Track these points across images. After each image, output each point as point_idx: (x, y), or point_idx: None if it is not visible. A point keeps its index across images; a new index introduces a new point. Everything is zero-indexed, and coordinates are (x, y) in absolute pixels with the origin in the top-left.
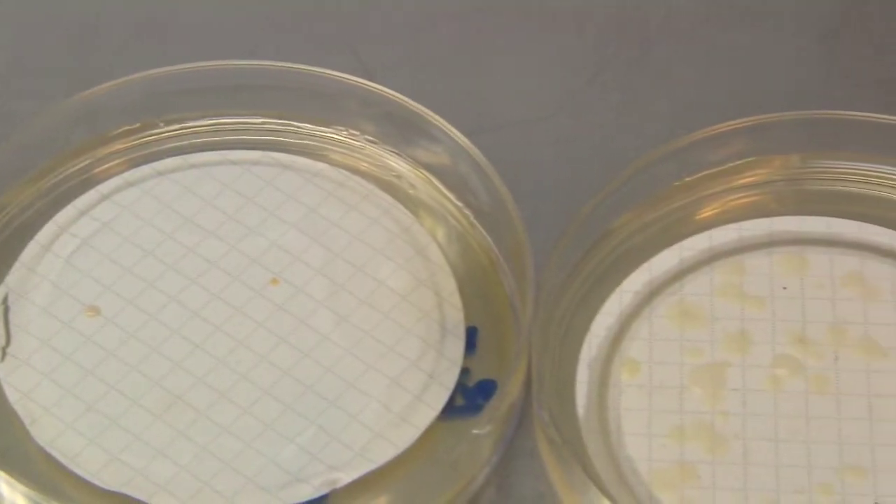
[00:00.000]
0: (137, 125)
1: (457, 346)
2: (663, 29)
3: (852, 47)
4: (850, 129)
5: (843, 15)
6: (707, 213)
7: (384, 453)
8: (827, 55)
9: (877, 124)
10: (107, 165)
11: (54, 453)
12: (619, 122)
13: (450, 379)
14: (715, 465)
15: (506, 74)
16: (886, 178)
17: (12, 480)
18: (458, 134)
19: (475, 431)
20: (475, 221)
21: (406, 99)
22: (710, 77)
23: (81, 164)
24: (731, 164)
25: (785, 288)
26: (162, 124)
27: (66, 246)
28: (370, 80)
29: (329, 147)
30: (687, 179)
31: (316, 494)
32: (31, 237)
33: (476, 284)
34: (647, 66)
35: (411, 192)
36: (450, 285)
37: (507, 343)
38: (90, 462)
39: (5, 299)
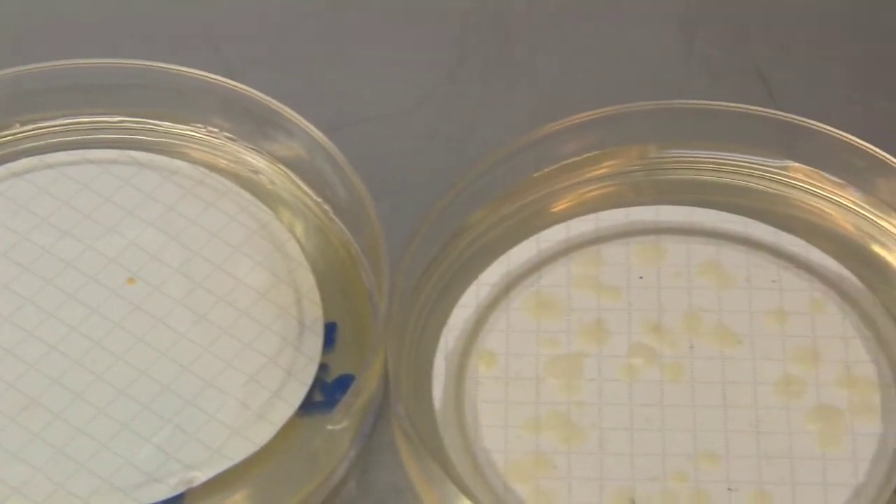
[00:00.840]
0: None
1: (315, 342)
2: (524, 21)
3: (712, 37)
4: (706, 119)
5: (702, 4)
6: (564, 204)
7: (241, 450)
8: (687, 45)
9: (732, 113)
10: None
11: None
12: (480, 115)
13: (307, 375)
14: (570, 456)
15: (367, 70)
16: (742, 167)
17: None
18: (315, 130)
19: (330, 427)
20: (334, 217)
21: (264, 96)
22: (571, 68)
23: None
24: (587, 155)
25: (641, 277)
26: (18, 125)
27: None
28: (231, 77)
29: (188, 145)
30: (545, 171)
31: (172, 494)
32: None
33: (335, 280)
34: (507, 58)
35: (270, 188)
36: (308, 281)
37: (367, 338)
38: None
39: None
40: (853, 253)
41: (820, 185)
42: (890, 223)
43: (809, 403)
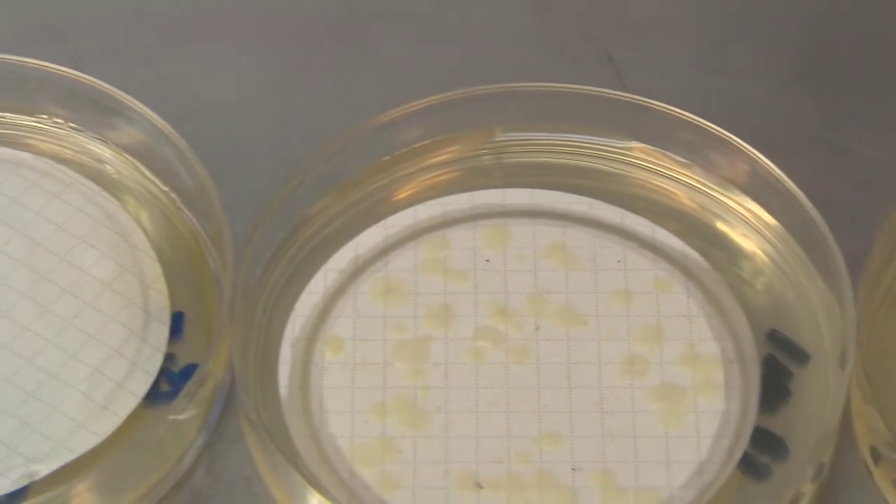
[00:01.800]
0: None
1: (161, 332)
2: (373, 6)
3: (561, 19)
4: (552, 101)
5: None
6: (411, 189)
7: (85, 442)
8: (536, 27)
9: (578, 95)
10: None
11: None
12: (329, 101)
13: (153, 365)
14: (416, 440)
15: (215, 58)
16: (588, 148)
17: None
18: (159, 119)
19: (172, 417)
20: (181, 205)
21: (108, 86)
22: (421, 53)
23: None
24: (434, 139)
25: (488, 261)
26: None
27: None
28: (77, 68)
29: (32, 136)
30: (391, 156)
31: (14, 488)
32: None
33: (183, 269)
34: (356, 44)
35: (116, 177)
36: (155, 271)
37: (215, 327)
38: None
39: None
40: (698, 231)
41: (665, 164)
42: (734, 201)
43: (653, 382)
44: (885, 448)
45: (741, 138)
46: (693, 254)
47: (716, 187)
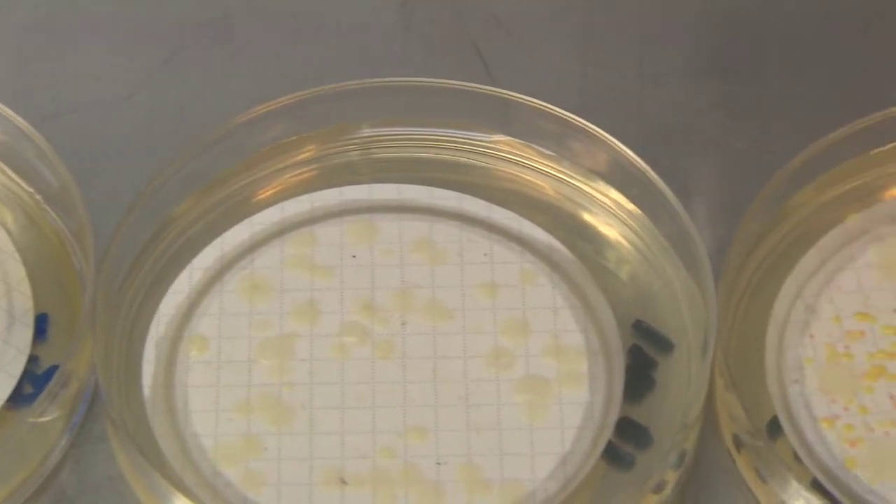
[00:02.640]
0: None
1: (25, 334)
2: (241, 4)
3: (429, 13)
4: (419, 95)
5: None
6: (279, 186)
7: None
8: (404, 22)
9: (445, 89)
10: None
11: None
12: (200, 99)
13: (16, 367)
14: (281, 437)
15: (82, 57)
16: (455, 143)
17: None
18: (21, 119)
19: (31, 419)
20: (46, 206)
21: None
22: (290, 50)
23: None
24: (302, 136)
25: (354, 256)
26: None
27: None
28: None
29: None
30: (258, 153)
31: None
32: None
33: (48, 270)
34: (227, 41)
35: None
36: (19, 273)
37: (77, 328)
38: None
39: None
40: (564, 223)
41: (531, 157)
42: (599, 192)
43: (518, 375)
44: (746, 436)
45: (608, 130)
46: (559, 246)
47: (581, 179)
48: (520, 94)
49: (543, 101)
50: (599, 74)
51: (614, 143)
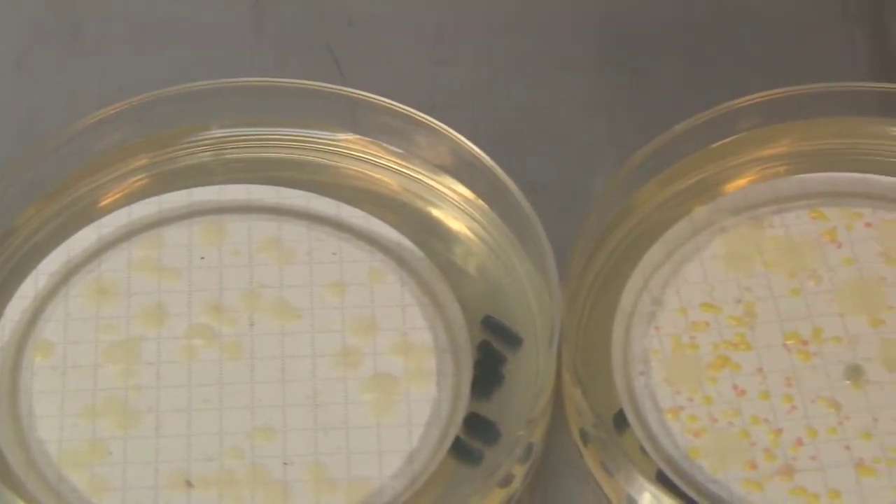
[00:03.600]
0: None
1: None
2: (88, 6)
3: (280, 13)
4: (268, 96)
5: None
6: (126, 188)
7: None
8: (256, 22)
9: (294, 89)
10: None
11: None
12: (50, 103)
13: None
14: (127, 441)
15: None
16: (305, 142)
17: None
18: None
19: None
20: None
21: None
22: (143, 52)
23: None
24: (149, 137)
25: (203, 258)
26: None
27: None
28: None
29: None
30: (104, 156)
31: None
32: None
33: None
34: (77, 44)
35: None
36: None
37: None
38: None
39: None
40: (413, 221)
41: (380, 155)
42: (448, 188)
43: (366, 373)
44: (591, 429)
45: (459, 127)
46: (408, 243)
47: (429, 176)
48: (370, 92)
49: (395, 99)
50: (451, 72)
51: (461, 140)
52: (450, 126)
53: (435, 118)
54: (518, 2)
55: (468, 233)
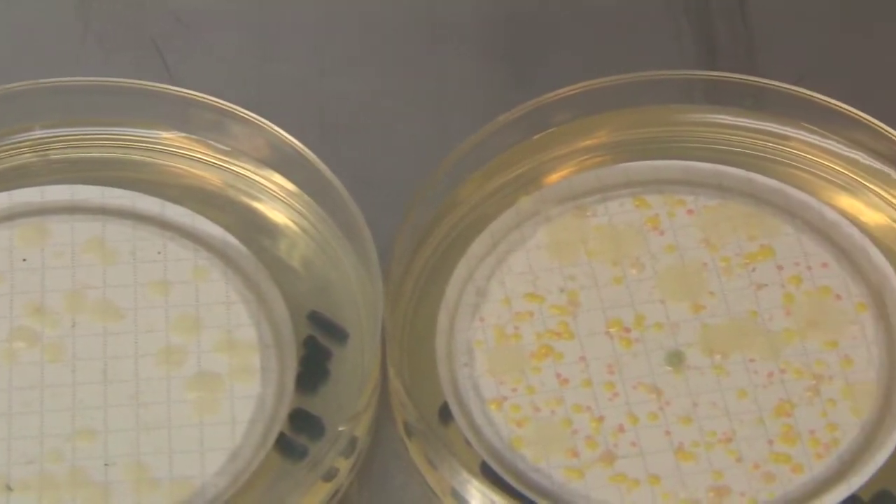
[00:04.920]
0: None
1: None
2: None
3: (106, 12)
4: (90, 95)
5: None
6: None
7: None
8: (82, 21)
9: (116, 88)
10: None
11: None
12: None
13: None
14: None
15: None
16: (127, 140)
17: None
18: None
19: None
20: None
21: None
22: None
23: None
24: None
25: (25, 260)
26: None
27: None
28: None
29: None
30: None
31: None
32: None
33: None
34: None
35: None
36: None
37: None
38: None
39: None
40: (240, 218)
41: (205, 153)
42: (274, 184)
43: (190, 371)
44: (414, 422)
45: (286, 123)
46: (233, 241)
47: (255, 172)
48: (197, 90)
49: (223, 96)
50: (279, 68)
51: (285, 137)
52: (278, 122)
53: (262, 114)
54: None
55: (294, 228)
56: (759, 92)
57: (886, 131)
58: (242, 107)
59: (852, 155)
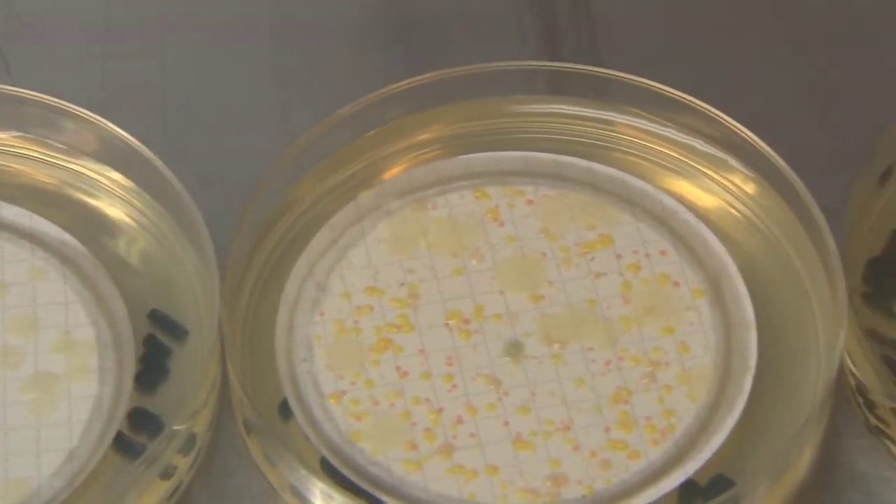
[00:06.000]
0: None
1: None
2: None
3: None
4: None
5: None
6: None
7: None
8: None
9: None
10: None
11: None
12: None
13: None
14: None
15: None
16: None
17: None
18: None
19: None
20: None
21: None
22: None
23: None
24: None
25: None
26: None
27: None
28: None
29: None
30: None
31: None
32: None
33: None
34: None
35: None
36: None
37: None
38: None
39: None
40: (79, 218)
41: (42, 152)
42: (113, 183)
43: (27, 373)
44: (252, 419)
45: (128, 122)
46: (71, 240)
47: (94, 171)
48: (37, 90)
49: (64, 96)
50: (121, 67)
51: (121, 133)
52: (121, 120)
53: (105, 113)
54: None
55: (133, 226)
56: (601, 82)
57: (721, 118)
58: (85, 106)
59: (689, 142)
